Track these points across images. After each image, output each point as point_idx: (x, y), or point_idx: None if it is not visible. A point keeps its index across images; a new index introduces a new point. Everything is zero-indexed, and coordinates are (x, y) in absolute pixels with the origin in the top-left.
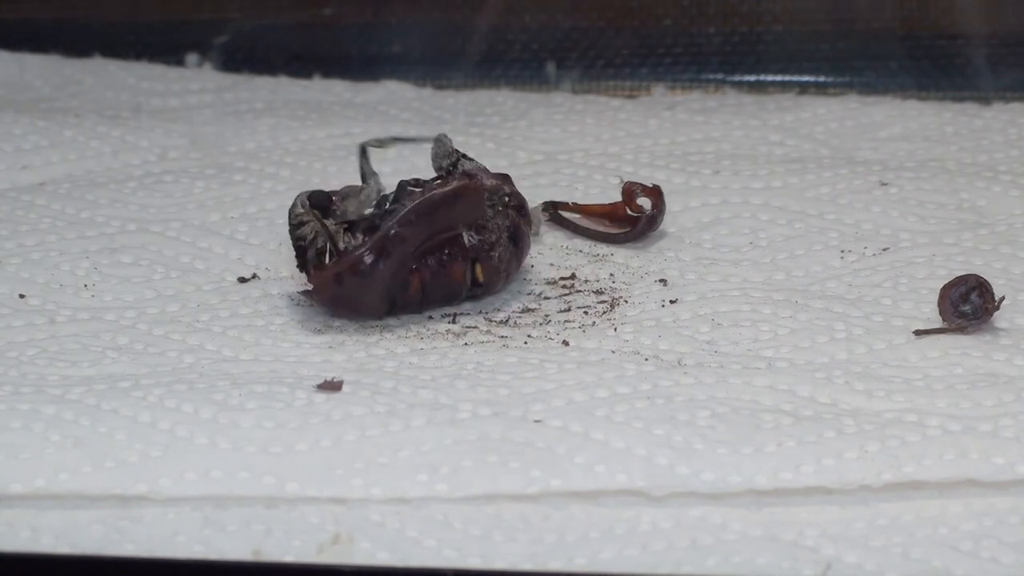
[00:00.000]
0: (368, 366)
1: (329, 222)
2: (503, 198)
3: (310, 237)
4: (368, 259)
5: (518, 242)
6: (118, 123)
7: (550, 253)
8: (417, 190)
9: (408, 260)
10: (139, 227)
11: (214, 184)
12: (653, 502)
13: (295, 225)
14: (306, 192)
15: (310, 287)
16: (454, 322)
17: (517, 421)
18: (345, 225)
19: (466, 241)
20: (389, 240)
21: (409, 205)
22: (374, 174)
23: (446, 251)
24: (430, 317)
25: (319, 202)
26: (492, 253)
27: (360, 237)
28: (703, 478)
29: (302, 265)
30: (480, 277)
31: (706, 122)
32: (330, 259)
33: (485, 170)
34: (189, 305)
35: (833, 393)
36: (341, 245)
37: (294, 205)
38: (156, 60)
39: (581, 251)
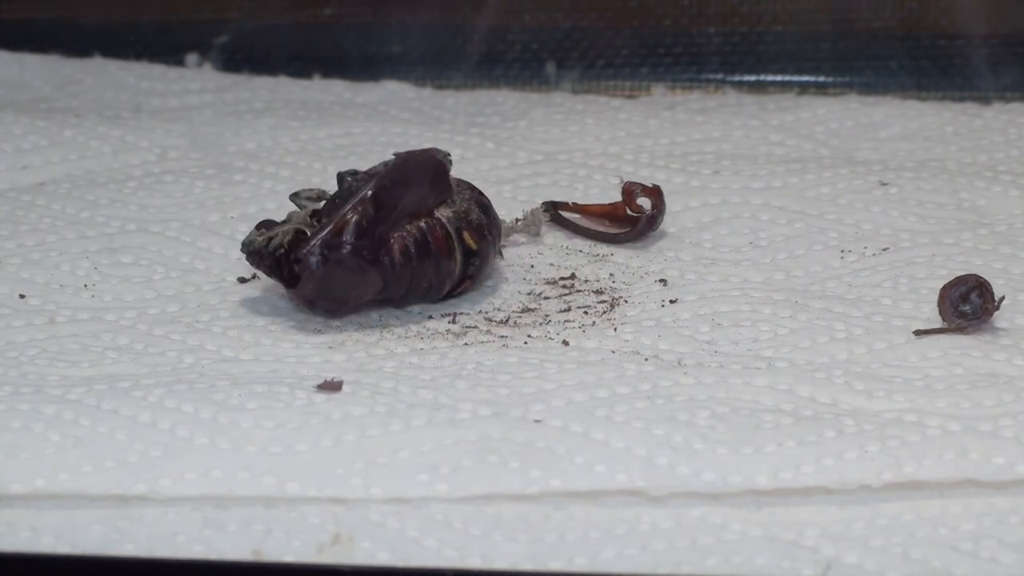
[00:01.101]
0: (368, 366)
1: (288, 225)
2: (446, 159)
3: (285, 239)
4: (353, 219)
5: (488, 211)
6: (118, 123)
7: (550, 253)
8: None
9: (391, 225)
10: (139, 227)
11: (214, 184)
12: (653, 502)
13: (264, 247)
14: (250, 232)
15: (299, 289)
16: (454, 322)
17: (517, 421)
18: (308, 220)
19: (443, 216)
20: (372, 199)
21: (382, 174)
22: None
23: (423, 222)
24: (430, 317)
25: (268, 224)
26: (470, 218)
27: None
28: (703, 478)
29: (290, 277)
30: (472, 245)
31: (706, 122)
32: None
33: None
34: (189, 305)
35: (833, 393)
36: (315, 224)
37: (249, 243)
38: (156, 60)
39: (581, 251)
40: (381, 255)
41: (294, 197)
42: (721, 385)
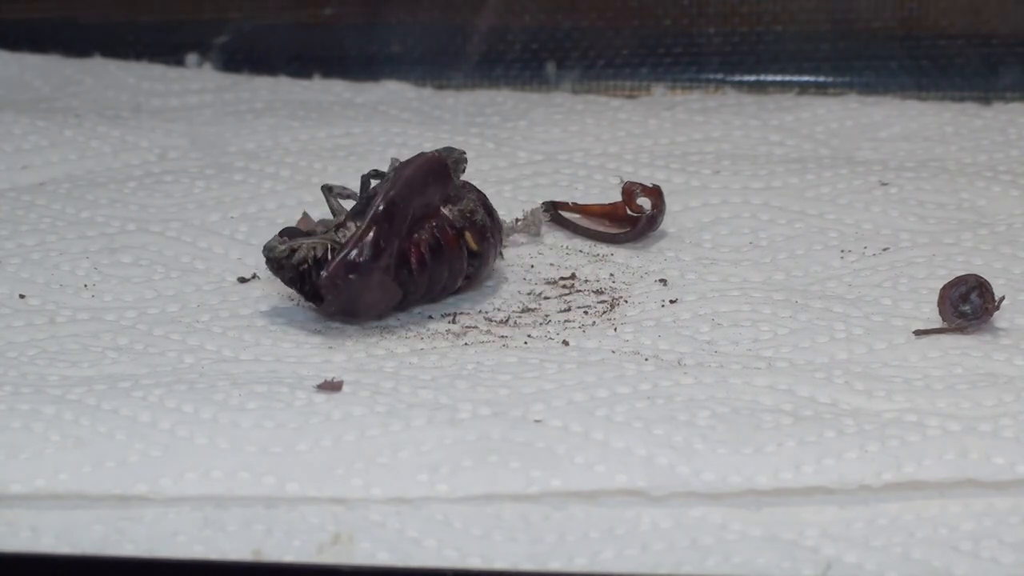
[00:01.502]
0: (368, 366)
1: (314, 239)
2: (461, 157)
3: (310, 254)
4: (370, 236)
5: (492, 214)
6: (118, 123)
7: (550, 253)
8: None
9: (404, 235)
10: (139, 227)
11: (214, 184)
12: (653, 502)
13: (286, 258)
14: (272, 238)
15: (323, 308)
16: (454, 322)
17: (517, 421)
18: (332, 234)
19: (448, 213)
20: (384, 214)
21: (388, 185)
22: (343, 209)
23: (434, 223)
24: (430, 317)
25: (292, 233)
26: (475, 219)
27: (353, 226)
28: (703, 478)
29: (312, 292)
30: (473, 245)
31: (706, 122)
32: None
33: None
34: (189, 305)
35: (833, 393)
36: (341, 239)
37: (270, 249)
38: (156, 60)
39: (581, 251)
40: (400, 266)
41: (327, 191)
42: (721, 385)
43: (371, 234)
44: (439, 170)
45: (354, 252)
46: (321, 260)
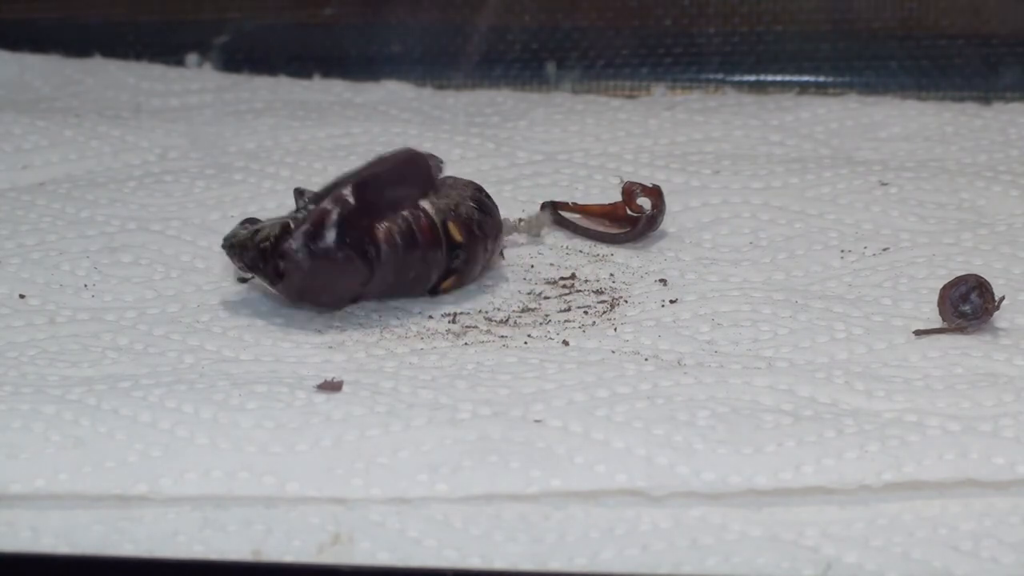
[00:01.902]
0: (368, 366)
1: (275, 219)
2: (436, 163)
3: (273, 232)
4: (334, 212)
5: (485, 209)
6: (118, 123)
7: (550, 253)
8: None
9: (374, 216)
10: (139, 227)
11: (214, 184)
12: (653, 502)
13: (249, 238)
14: (233, 228)
15: (285, 283)
16: (454, 322)
17: (517, 421)
18: (294, 214)
19: (428, 207)
20: (352, 191)
21: (361, 167)
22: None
23: (408, 212)
24: (430, 317)
25: (251, 221)
26: (459, 211)
27: (313, 207)
28: (703, 478)
29: (273, 272)
30: (457, 236)
31: (706, 122)
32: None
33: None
34: (189, 305)
35: (833, 393)
36: (301, 216)
37: (232, 235)
38: (156, 60)
39: (581, 251)
40: (366, 245)
41: (299, 194)
42: (721, 385)
43: (336, 209)
44: (417, 167)
45: (314, 224)
46: (281, 238)
